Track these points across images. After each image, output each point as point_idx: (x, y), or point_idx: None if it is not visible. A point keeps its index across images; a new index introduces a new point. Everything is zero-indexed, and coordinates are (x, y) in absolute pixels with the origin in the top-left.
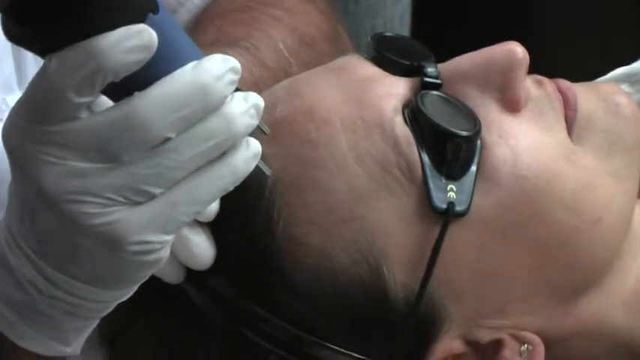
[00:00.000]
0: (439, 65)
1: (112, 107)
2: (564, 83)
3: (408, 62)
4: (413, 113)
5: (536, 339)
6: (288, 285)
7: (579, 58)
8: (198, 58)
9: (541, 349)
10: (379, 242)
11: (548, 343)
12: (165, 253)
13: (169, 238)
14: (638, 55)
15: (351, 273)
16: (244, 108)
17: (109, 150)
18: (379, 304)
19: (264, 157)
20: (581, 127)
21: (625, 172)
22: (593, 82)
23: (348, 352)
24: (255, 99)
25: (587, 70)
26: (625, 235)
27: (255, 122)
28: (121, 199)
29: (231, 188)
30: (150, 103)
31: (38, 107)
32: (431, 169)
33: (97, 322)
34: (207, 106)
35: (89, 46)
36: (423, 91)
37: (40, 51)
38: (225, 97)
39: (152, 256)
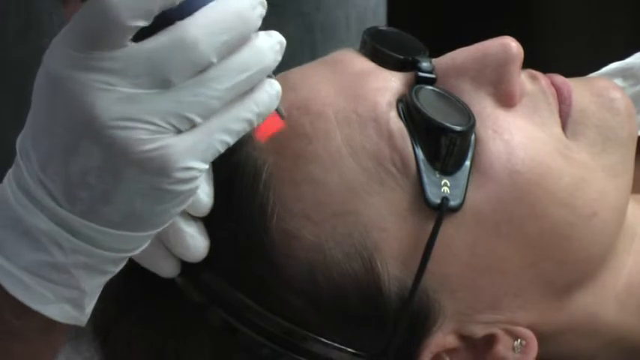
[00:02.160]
0: (434, 60)
1: (160, 33)
2: (559, 78)
3: (402, 56)
4: (407, 108)
5: (530, 334)
6: (282, 279)
7: (573, 53)
8: None
9: (534, 344)
10: (373, 236)
11: (542, 338)
12: (199, 182)
13: (206, 166)
14: (632, 50)
15: (344, 267)
16: (271, 43)
17: (160, 73)
18: (372, 299)
19: (258, 150)
20: (575, 122)
21: (619, 167)
22: (587, 77)
23: (340, 346)
24: (279, 36)
25: (582, 65)
26: (619, 231)
27: (279, 58)
28: (167, 126)
29: (256, 124)
30: (198, 26)
31: (90, 34)
32: (425, 163)
33: (108, 278)
34: (245, 33)
35: None
36: (417, 86)
37: None
38: (257, 28)
39: (190, 185)
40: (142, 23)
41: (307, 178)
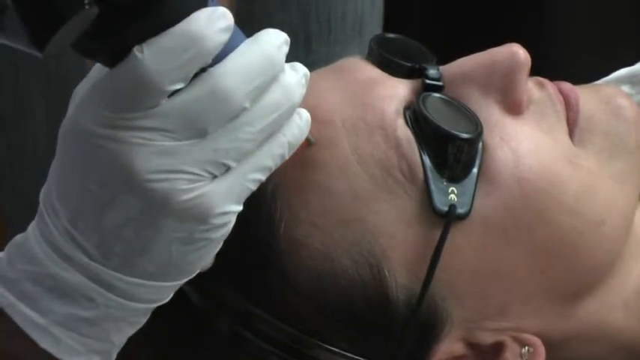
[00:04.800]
0: (441, 67)
1: (191, 84)
2: (566, 85)
3: (409, 64)
4: (414, 115)
5: (537, 341)
6: (290, 286)
7: (581, 60)
8: (240, 33)
9: (542, 351)
10: (381, 244)
11: (550, 345)
12: (232, 225)
13: (240, 208)
14: None
15: (352, 275)
16: (297, 78)
17: (196, 125)
18: (380, 307)
19: None
20: (582, 130)
21: (626, 175)
22: (594, 84)
23: (348, 354)
24: (303, 68)
25: (589, 71)
26: (626, 237)
27: (304, 91)
28: (204, 173)
29: (288, 156)
30: (229, 74)
31: (127, 98)
32: (432, 171)
33: (136, 329)
34: (273, 75)
35: (187, 30)
36: (425, 93)
37: (122, 50)
38: (283, 67)
39: (225, 229)
40: (180, 86)
41: (315, 185)
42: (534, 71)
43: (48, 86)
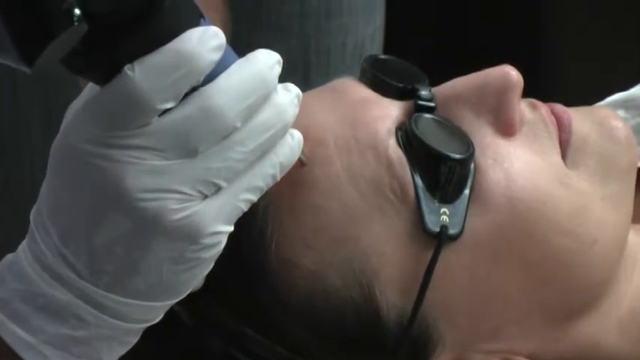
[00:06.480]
0: (433, 88)
1: (182, 103)
2: (559, 107)
3: (402, 85)
4: (406, 136)
5: None
6: (281, 306)
7: (580, 79)
8: (232, 52)
9: None
10: (372, 264)
11: None
12: (223, 245)
13: (231, 228)
14: (636, 81)
15: (343, 295)
16: (290, 98)
17: (187, 144)
18: (371, 327)
19: None
20: (575, 151)
21: (619, 196)
22: (588, 106)
23: None
24: (295, 88)
25: (588, 91)
26: (619, 258)
27: (297, 111)
28: (195, 193)
29: (279, 177)
30: (221, 93)
31: (118, 116)
32: (424, 191)
33: (127, 349)
34: (266, 94)
35: (178, 49)
36: (417, 114)
37: (113, 68)
38: (276, 87)
39: (216, 250)
40: (171, 105)
41: (306, 204)
42: (531, 94)
43: (46, 110)
